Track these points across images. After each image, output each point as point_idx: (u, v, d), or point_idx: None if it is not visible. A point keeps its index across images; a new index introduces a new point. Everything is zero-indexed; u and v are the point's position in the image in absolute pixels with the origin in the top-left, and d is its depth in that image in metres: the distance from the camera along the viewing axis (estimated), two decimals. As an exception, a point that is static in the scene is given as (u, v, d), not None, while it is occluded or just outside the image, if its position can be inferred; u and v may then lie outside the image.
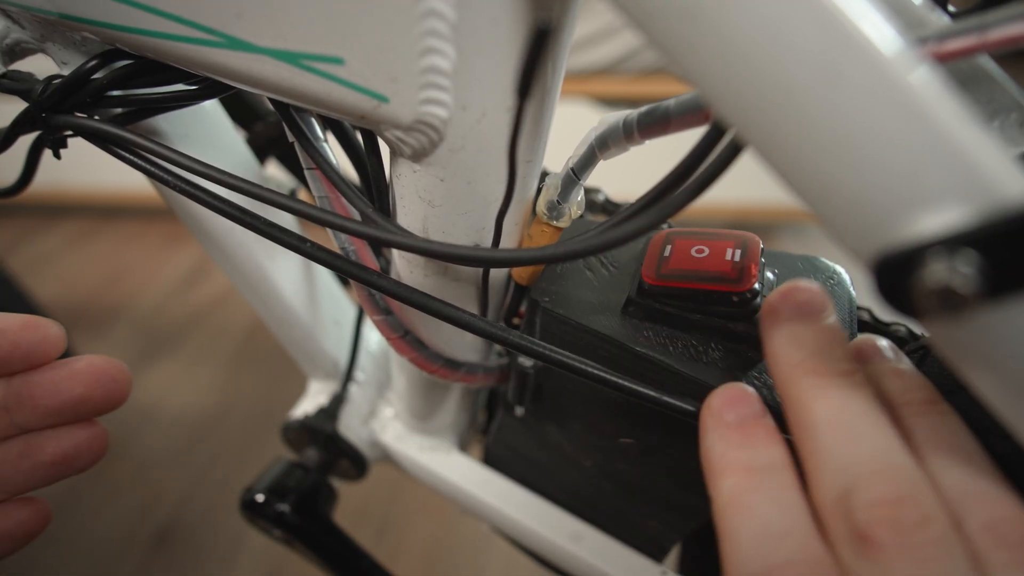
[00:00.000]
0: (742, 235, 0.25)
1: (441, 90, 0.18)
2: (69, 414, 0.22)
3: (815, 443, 0.17)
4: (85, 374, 0.22)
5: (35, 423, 0.22)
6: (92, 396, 0.22)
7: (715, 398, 0.20)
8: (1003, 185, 0.12)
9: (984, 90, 0.20)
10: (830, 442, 0.17)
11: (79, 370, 0.22)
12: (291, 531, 0.41)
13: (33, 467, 0.22)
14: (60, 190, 1.58)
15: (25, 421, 0.22)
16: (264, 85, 0.20)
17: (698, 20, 0.13)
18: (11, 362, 0.21)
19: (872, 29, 0.12)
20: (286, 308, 0.38)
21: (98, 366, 0.22)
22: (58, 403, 0.22)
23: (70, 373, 0.22)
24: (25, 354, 0.21)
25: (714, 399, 0.20)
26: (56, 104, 0.24)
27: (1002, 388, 0.14)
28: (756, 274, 0.24)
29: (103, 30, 0.22)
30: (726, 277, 0.23)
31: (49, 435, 0.22)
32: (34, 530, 0.23)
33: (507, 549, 0.86)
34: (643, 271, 0.25)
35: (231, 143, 0.32)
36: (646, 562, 0.37)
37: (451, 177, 0.22)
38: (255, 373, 1.19)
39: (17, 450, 0.22)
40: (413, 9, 0.17)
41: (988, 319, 0.13)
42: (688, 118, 0.20)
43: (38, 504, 0.23)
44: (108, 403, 0.22)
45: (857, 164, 0.13)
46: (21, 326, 0.21)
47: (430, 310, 0.24)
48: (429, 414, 0.42)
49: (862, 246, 0.14)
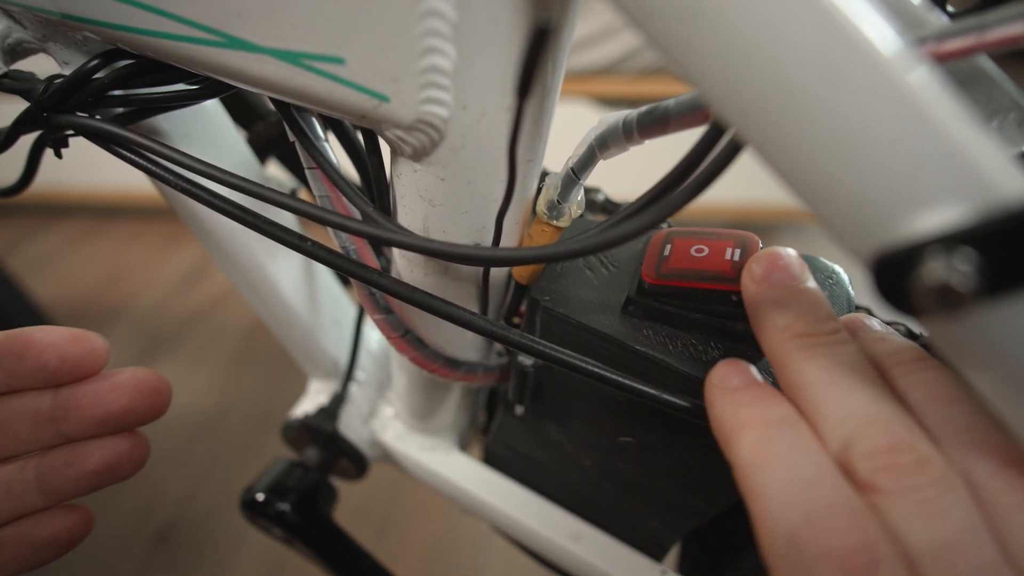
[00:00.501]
0: (741, 235, 0.25)
1: (441, 89, 0.18)
2: (113, 424, 0.23)
3: (810, 403, 0.17)
4: (128, 386, 0.23)
5: (80, 433, 0.23)
6: (135, 407, 0.23)
7: (714, 374, 0.20)
8: (1001, 184, 0.12)
9: (983, 90, 0.21)
10: (824, 399, 0.17)
11: (122, 382, 0.23)
12: (291, 530, 0.41)
13: (78, 476, 0.23)
14: (60, 190, 1.58)
15: (71, 431, 0.23)
16: (265, 85, 0.20)
17: (698, 20, 0.13)
18: (60, 374, 0.22)
19: (871, 29, 0.12)
20: (286, 307, 0.38)
21: (141, 378, 0.23)
22: (103, 414, 0.23)
23: (114, 385, 0.23)
24: (73, 367, 0.22)
25: (713, 375, 0.20)
26: (57, 104, 0.24)
27: (1000, 386, 0.14)
28: None
29: (104, 30, 0.22)
30: (725, 276, 0.23)
31: (94, 445, 0.23)
32: (78, 536, 0.24)
33: (507, 548, 0.86)
34: (643, 270, 0.25)
35: (232, 143, 0.32)
36: (646, 561, 0.37)
37: (451, 176, 0.22)
38: (255, 373, 1.19)
39: (64, 459, 0.23)
40: (413, 9, 0.17)
41: (986, 317, 0.13)
42: (687, 118, 0.20)
43: (81, 511, 0.24)
44: (150, 414, 0.23)
45: (856, 163, 0.13)
46: (69, 340, 0.22)
47: (431, 308, 0.24)
48: (429, 413, 0.42)
49: (861, 245, 0.14)
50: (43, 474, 0.23)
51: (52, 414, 0.23)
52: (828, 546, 0.15)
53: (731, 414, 0.19)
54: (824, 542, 0.15)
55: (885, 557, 0.14)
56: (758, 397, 0.19)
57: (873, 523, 0.15)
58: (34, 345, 0.22)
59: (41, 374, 0.22)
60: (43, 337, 0.22)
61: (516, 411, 0.33)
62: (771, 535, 0.16)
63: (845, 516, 0.15)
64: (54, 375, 0.22)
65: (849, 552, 0.15)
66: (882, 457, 0.15)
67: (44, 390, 0.23)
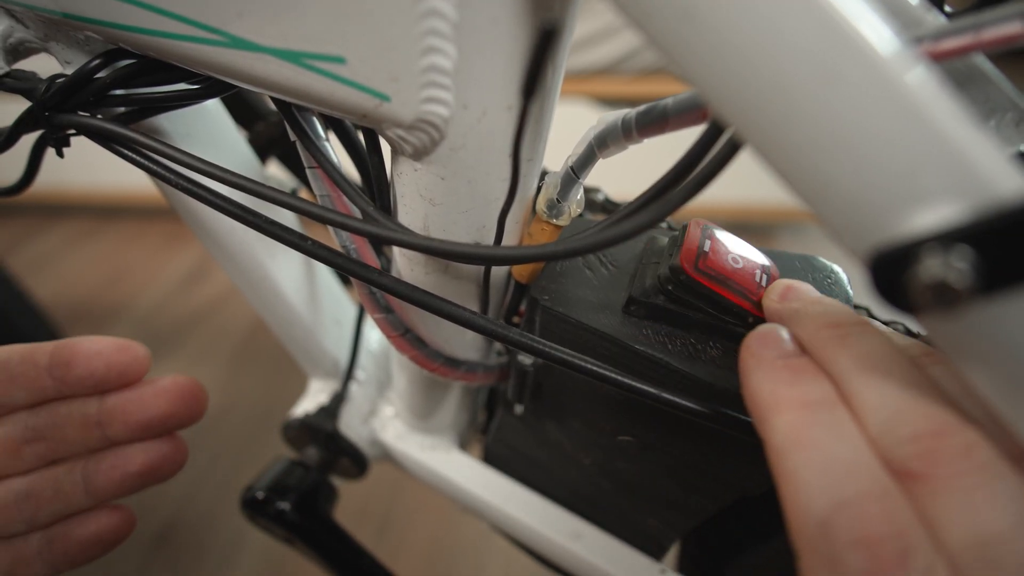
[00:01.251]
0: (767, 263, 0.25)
1: (442, 89, 0.19)
2: (155, 428, 0.24)
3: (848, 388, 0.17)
4: (170, 392, 0.24)
5: (125, 437, 0.24)
6: (176, 412, 0.24)
7: (752, 339, 0.20)
8: (998, 182, 0.13)
9: (980, 89, 0.21)
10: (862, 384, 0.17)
11: (164, 388, 0.24)
12: (292, 530, 0.41)
13: (123, 477, 0.24)
14: (60, 190, 1.58)
15: (116, 435, 0.24)
16: (266, 84, 0.21)
17: (696, 19, 0.14)
18: (106, 381, 0.24)
19: (868, 28, 0.13)
20: (287, 307, 0.38)
21: (181, 384, 0.25)
22: (146, 419, 0.24)
23: (156, 391, 0.24)
24: (118, 374, 0.24)
25: (751, 339, 0.20)
26: (59, 103, 0.24)
27: (998, 383, 0.14)
28: None
29: (106, 29, 0.22)
30: (751, 296, 0.23)
31: (137, 448, 0.25)
32: (121, 535, 0.25)
33: (507, 548, 0.86)
34: (681, 258, 0.24)
35: (233, 142, 0.32)
36: (646, 560, 0.37)
37: (452, 176, 0.22)
38: (255, 373, 1.19)
39: (109, 461, 0.24)
40: (414, 8, 0.17)
41: (983, 314, 0.13)
42: (686, 117, 0.20)
43: (124, 511, 0.26)
44: (189, 418, 0.25)
45: (853, 161, 0.13)
46: (115, 349, 0.24)
47: (431, 308, 0.24)
48: (429, 413, 0.42)
49: (859, 243, 0.14)
50: (89, 476, 0.24)
51: (99, 419, 0.24)
52: (859, 533, 0.14)
53: (768, 391, 0.18)
54: (855, 529, 0.14)
55: (919, 547, 0.14)
56: (796, 375, 0.18)
57: (908, 511, 0.14)
58: (82, 353, 0.23)
59: (89, 381, 0.23)
60: (91, 346, 0.23)
61: (516, 410, 0.34)
62: (802, 520, 0.16)
63: (878, 503, 0.15)
64: (101, 382, 0.24)
65: (880, 540, 0.14)
66: (925, 441, 0.15)
67: (91, 396, 0.24)
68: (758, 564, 0.34)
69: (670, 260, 0.24)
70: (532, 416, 0.34)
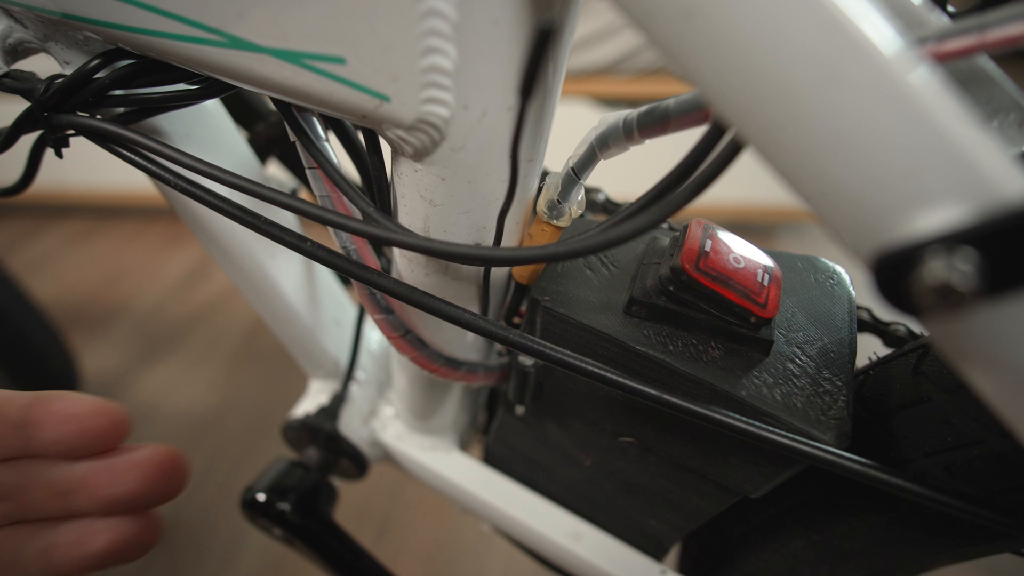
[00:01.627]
0: (769, 264, 0.25)
1: (442, 89, 0.18)
2: (125, 506, 0.22)
3: None
4: (144, 466, 0.22)
5: (91, 511, 0.22)
6: (148, 490, 0.22)
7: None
8: (1002, 184, 0.12)
9: (983, 90, 0.21)
10: None
11: (138, 461, 0.22)
12: (292, 530, 0.41)
13: (83, 557, 0.22)
14: (60, 190, 1.58)
15: (81, 508, 0.22)
16: (266, 84, 0.20)
17: (698, 19, 0.13)
18: (78, 448, 0.22)
19: (872, 29, 0.12)
20: (287, 307, 0.38)
21: (157, 457, 0.22)
22: (114, 495, 0.22)
23: (129, 465, 0.22)
24: (92, 441, 0.22)
25: None
26: (58, 103, 0.24)
27: (1001, 385, 0.14)
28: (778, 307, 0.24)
29: (106, 29, 0.22)
30: (754, 298, 0.23)
31: (102, 525, 0.22)
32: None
33: (507, 548, 0.86)
34: (682, 258, 0.24)
35: (232, 143, 0.32)
36: (646, 561, 0.37)
37: (452, 176, 0.22)
38: (255, 373, 1.19)
39: (72, 536, 0.22)
40: (414, 9, 0.17)
41: (986, 316, 0.13)
42: (687, 117, 0.20)
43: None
44: (163, 496, 0.23)
45: (856, 163, 0.13)
46: (91, 412, 0.21)
47: (431, 309, 0.24)
48: (430, 413, 0.42)
49: (861, 244, 0.14)
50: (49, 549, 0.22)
51: (63, 488, 0.22)
52: None
53: None
54: None
55: None
56: None
57: None
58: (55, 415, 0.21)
59: (59, 447, 0.21)
60: (65, 408, 0.21)
61: (516, 411, 0.33)
62: None
63: None
64: (72, 449, 0.21)
65: None
66: None
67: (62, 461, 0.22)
68: (758, 565, 0.34)
69: (671, 260, 0.24)
70: (533, 417, 0.34)
